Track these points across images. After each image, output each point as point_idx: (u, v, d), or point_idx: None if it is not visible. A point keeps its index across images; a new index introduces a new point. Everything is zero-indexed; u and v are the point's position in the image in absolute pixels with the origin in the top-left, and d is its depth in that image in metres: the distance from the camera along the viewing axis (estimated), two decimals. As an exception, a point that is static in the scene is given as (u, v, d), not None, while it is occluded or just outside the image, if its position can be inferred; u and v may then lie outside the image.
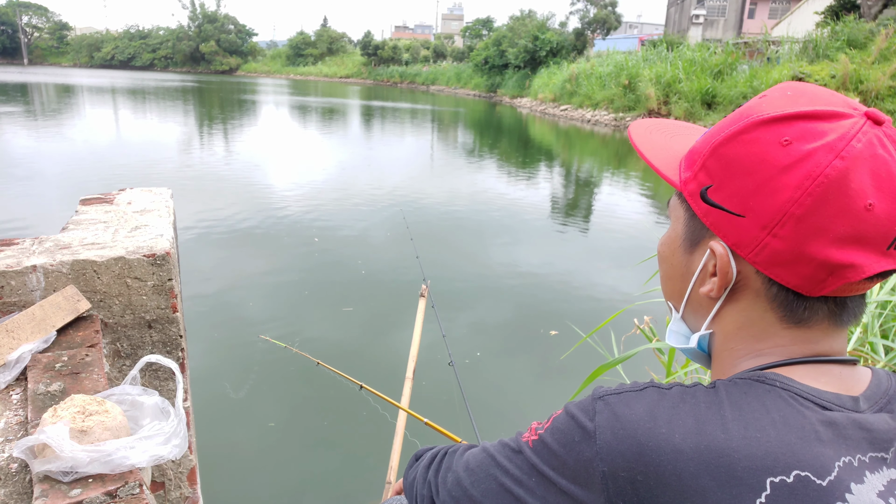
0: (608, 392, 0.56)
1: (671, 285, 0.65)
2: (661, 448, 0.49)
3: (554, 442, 0.56)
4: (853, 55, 15.31)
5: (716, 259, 0.56)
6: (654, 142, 0.68)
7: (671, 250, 0.63)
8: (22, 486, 0.79)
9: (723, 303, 0.58)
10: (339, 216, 7.23)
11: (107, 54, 77.91)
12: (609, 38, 35.19)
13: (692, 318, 0.63)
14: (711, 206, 0.55)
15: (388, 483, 1.88)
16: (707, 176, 0.56)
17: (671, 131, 0.70)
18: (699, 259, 0.59)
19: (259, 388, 3.40)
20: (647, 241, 6.47)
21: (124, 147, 12.76)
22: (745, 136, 0.53)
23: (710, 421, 0.50)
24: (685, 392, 0.53)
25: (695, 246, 0.59)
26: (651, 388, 0.55)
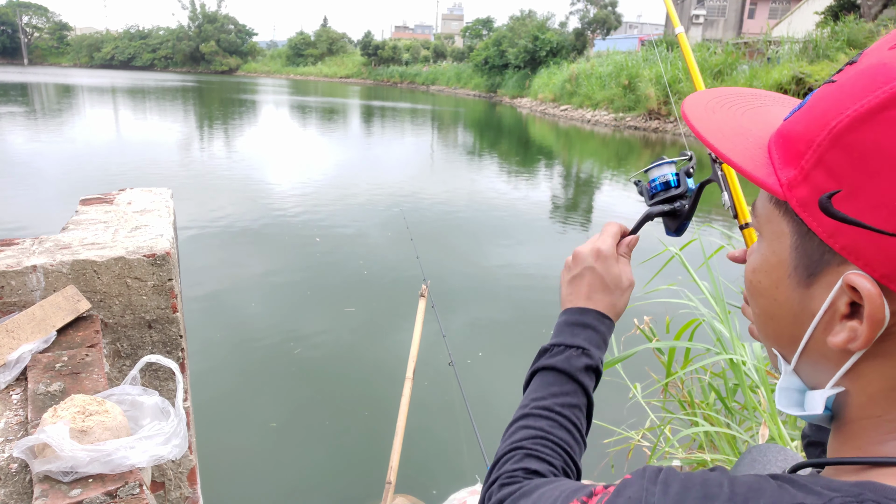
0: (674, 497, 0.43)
1: (775, 327, 0.47)
2: None
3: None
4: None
5: (852, 295, 0.40)
6: (722, 123, 0.51)
7: (772, 281, 0.46)
8: (22, 486, 0.79)
9: (865, 354, 0.41)
10: (339, 216, 7.23)
11: (107, 54, 77.93)
12: (609, 38, 35.20)
13: (811, 368, 0.46)
14: (841, 222, 0.39)
15: (388, 483, 1.88)
16: (829, 177, 0.39)
17: (737, 104, 0.53)
18: (822, 295, 0.42)
19: (259, 387, 3.40)
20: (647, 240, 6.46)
21: (124, 147, 12.76)
22: (892, 113, 0.36)
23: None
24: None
25: (814, 277, 0.43)
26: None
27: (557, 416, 0.68)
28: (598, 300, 0.77)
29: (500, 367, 3.76)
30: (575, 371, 0.71)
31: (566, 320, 0.77)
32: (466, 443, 2.63)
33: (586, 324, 0.75)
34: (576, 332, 0.75)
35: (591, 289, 0.77)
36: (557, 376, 0.72)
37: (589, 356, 0.72)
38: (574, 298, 0.78)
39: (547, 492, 0.55)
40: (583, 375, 0.71)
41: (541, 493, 0.56)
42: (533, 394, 0.72)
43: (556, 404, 0.69)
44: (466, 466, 2.44)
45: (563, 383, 0.71)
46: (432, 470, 2.73)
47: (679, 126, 18.28)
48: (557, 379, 0.71)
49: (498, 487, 0.62)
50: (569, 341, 0.74)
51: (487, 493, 0.64)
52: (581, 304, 0.77)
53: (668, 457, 2.06)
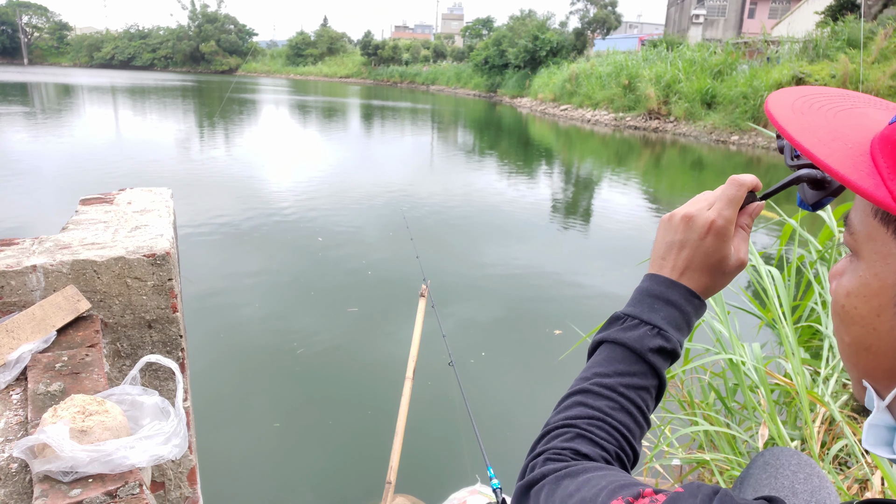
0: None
1: (870, 359, 0.43)
2: None
3: None
4: (853, 55, 15.31)
5: None
6: (814, 125, 0.46)
7: (872, 308, 0.41)
8: (22, 486, 0.79)
9: None
10: (338, 216, 7.23)
11: (107, 54, 77.90)
12: (609, 37, 35.20)
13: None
14: None
15: (388, 483, 1.88)
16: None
17: (826, 105, 0.49)
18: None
19: (258, 387, 3.40)
20: (647, 240, 6.47)
21: (124, 147, 12.76)
22: None
23: None
24: None
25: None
26: None
27: (620, 398, 0.62)
28: (694, 278, 0.65)
29: (501, 367, 3.76)
30: (646, 352, 0.63)
31: (649, 289, 0.67)
32: (466, 443, 2.63)
33: (671, 300, 0.65)
34: (657, 306, 0.65)
35: (689, 263, 0.65)
36: (626, 354, 0.64)
37: (665, 338, 0.63)
38: (666, 266, 0.67)
39: (594, 478, 0.52)
40: (655, 357, 0.63)
41: (587, 477, 0.53)
42: (597, 367, 0.65)
43: (621, 384, 0.62)
44: (466, 466, 2.44)
45: (632, 363, 0.63)
46: (432, 470, 2.73)
47: (678, 126, 18.28)
48: (626, 356, 0.63)
49: (543, 461, 0.59)
50: (646, 316, 0.64)
51: (531, 463, 0.60)
52: (672, 277, 0.66)
53: (667, 456, 2.06)
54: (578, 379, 0.66)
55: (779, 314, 1.95)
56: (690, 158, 14.46)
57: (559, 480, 0.54)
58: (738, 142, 15.99)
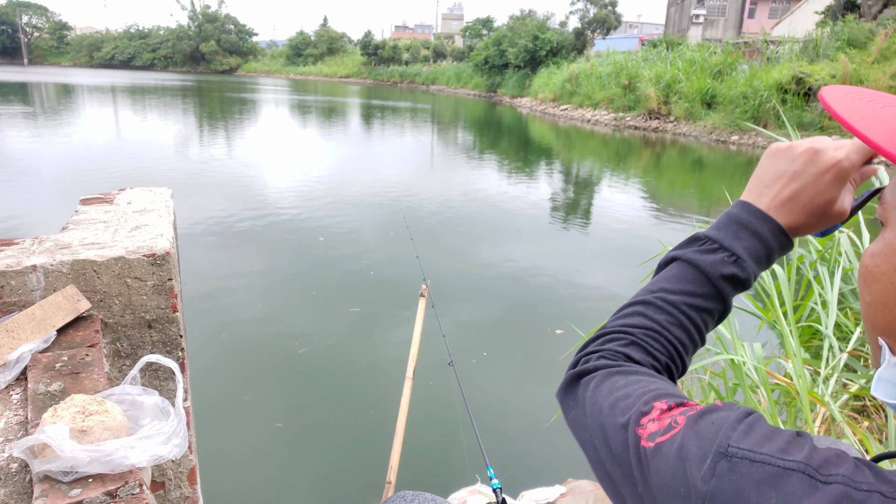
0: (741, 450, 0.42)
1: (887, 315, 0.47)
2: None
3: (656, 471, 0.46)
4: (853, 55, 15.31)
5: None
6: (861, 110, 0.51)
7: (892, 265, 0.46)
8: (22, 486, 0.79)
9: None
10: (338, 216, 7.23)
11: (107, 54, 77.90)
12: (609, 37, 35.21)
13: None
14: None
15: (388, 483, 1.88)
16: None
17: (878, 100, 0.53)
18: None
19: (258, 388, 3.40)
20: (647, 240, 6.47)
21: (124, 146, 12.76)
22: None
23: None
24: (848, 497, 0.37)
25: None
26: (800, 475, 0.39)
27: (680, 315, 0.62)
28: (794, 213, 0.62)
29: (501, 367, 3.76)
30: (718, 278, 0.62)
31: (738, 216, 0.64)
32: (466, 443, 2.63)
33: (758, 232, 0.62)
34: (741, 235, 0.63)
35: (795, 196, 0.62)
36: (697, 274, 0.63)
37: (741, 268, 0.62)
38: (767, 194, 0.64)
39: (644, 381, 0.55)
40: (726, 284, 0.62)
41: (637, 378, 0.55)
42: (664, 282, 0.65)
43: (685, 303, 0.62)
44: (466, 466, 2.44)
45: (701, 284, 0.63)
46: (432, 470, 2.73)
47: (678, 126, 18.28)
48: (696, 277, 0.63)
49: (597, 357, 0.61)
50: (728, 242, 0.63)
51: (584, 357, 0.62)
52: (770, 207, 0.63)
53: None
54: (643, 290, 0.66)
55: (779, 314, 1.95)
56: (690, 158, 14.46)
57: (610, 375, 0.57)
58: (738, 142, 15.99)
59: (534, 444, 2.92)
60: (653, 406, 0.50)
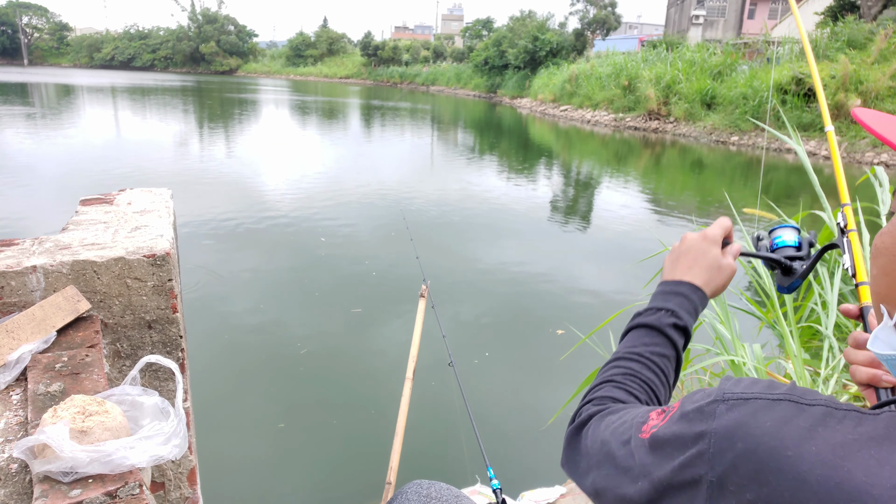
0: (734, 394, 0.50)
1: (887, 282, 0.53)
2: (783, 472, 0.42)
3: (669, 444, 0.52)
4: (853, 55, 15.31)
5: None
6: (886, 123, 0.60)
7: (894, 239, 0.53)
8: (22, 487, 0.79)
9: None
10: (338, 217, 7.23)
11: (107, 55, 77.87)
12: (609, 38, 35.19)
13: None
14: None
15: (388, 483, 1.88)
16: None
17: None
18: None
19: (258, 388, 3.40)
20: (647, 240, 6.47)
21: (124, 147, 12.76)
22: None
23: (853, 457, 0.41)
24: (831, 415, 0.44)
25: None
26: (787, 403, 0.46)
27: (647, 360, 0.76)
28: (695, 275, 0.83)
29: (500, 368, 3.76)
30: (664, 327, 0.79)
31: (661, 290, 0.84)
32: (466, 443, 2.63)
33: (679, 292, 0.82)
34: (668, 298, 0.82)
35: (690, 264, 0.85)
36: (648, 331, 0.79)
37: (678, 317, 0.79)
38: (672, 273, 0.86)
39: (632, 409, 0.65)
40: (672, 331, 0.78)
41: (626, 409, 0.66)
42: (629, 344, 0.80)
43: (647, 351, 0.77)
44: (466, 466, 2.43)
45: (654, 336, 0.79)
46: (432, 470, 2.73)
47: (678, 126, 18.28)
48: (648, 333, 0.79)
49: (589, 406, 0.72)
50: (660, 305, 0.81)
51: (579, 410, 0.74)
52: (678, 278, 0.84)
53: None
54: (613, 354, 0.81)
55: (779, 315, 1.95)
56: (690, 159, 14.46)
57: (604, 417, 0.68)
58: (738, 142, 15.99)
59: (534, 444, 2.92)
60: (648, 416, 0.59)
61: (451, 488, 1.21)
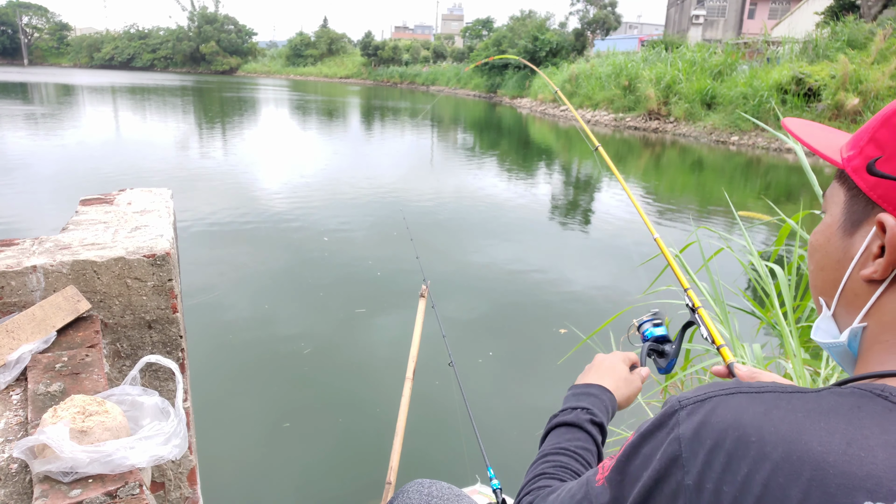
0: (689, 399, 0.52)
1: (823, 276, 0.59)
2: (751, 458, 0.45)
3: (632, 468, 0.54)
4: (853, 55, 15.31)
5: (883, 237, 0.51)
6: (811, 132, 0.66)
7: (826, 237, 0.58)
8: (22, 487, 0.79)
9: (885, 289, 0.52)
10: (338, 216, 7.23)
11: (106, 55, 77.85)
12: (609, 38, 35.18)
13: (845, 313, 0.57)
14: (881, 178, 0.51)
15: (389, 483, 1.88)
16: (876, 148, 0.52)
17: (826, 129, 0.68)
18: (860, 241, 0.54)
19: (258, 388, 3.40)
20: (647, 241, 6.47)
21: (124, 147, 12.75)
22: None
23: (807, 430, 0.44)
24: (780, 398, 0.48)
25: (856, 227, 0.55)
26: (740, 395, 0.50)
27: (572, 454, 0.83)
28: (606, 381, 0.96)
29: (501, 367, 3.76)
30: (583, 423, 0.88)
31: (574, 392, 0.95)
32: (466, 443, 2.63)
33: (590, 393, 0.93)
34: (581, 398, 0.93)
35: (601, 374, 0.98)
36: (569, 428, 0.88)
37: (593, 414, 0.89)
38: (584, 380, 0.98)
39: (569, 484, 0.69)
40: (590, 426, 0.87)
41: (564, 486, 0.70)
42: (550, 441, 0.88)
43: (571, 446, 0.85)
44: (466, 467, 2.43)
45: (575, 432, 0.87)
46: (432, 470, 2.73)
47: (678, 126, 18.28)
48: (569, 430, 0.88)
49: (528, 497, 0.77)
50: (575, 404, 0.91)
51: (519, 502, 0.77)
52: (589, 382, 0.97)
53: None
54: (539, 453, 0.89)
55: (779, 315, 1.95)
56: (690, 159, 14.46)
57: (545, 499, 0.71)
58: (738, 142, 15.98)
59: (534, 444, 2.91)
60: (597, 468, 0.62)
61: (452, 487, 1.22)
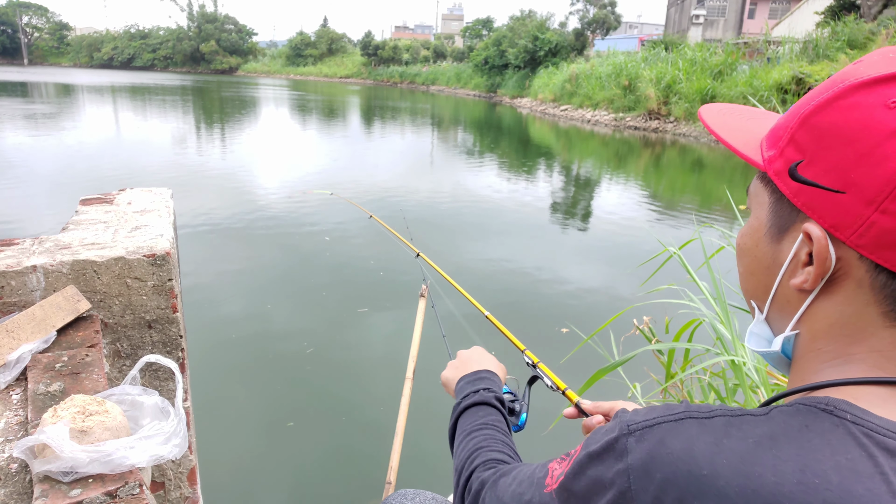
0: (638, 424, 0.50)
1: (754, 281, 0.58)
2: (703, 493, 0.43)
3: (580, 489, 0.52)
4: (853, 55, 15.31)
5: (811, 245, 0.49)
6: (729, 123, 0.62)
7: (754, 241, 0.56)
8: (22, 486, 0.79)
9: (815, 297, 0.51)
10: (337, 216, 7.23)
11: (106, 54, 77.87)
12: (609, 38, 35.19)
13: (777, 318, 0.56)
14: (803, 184, 0.49)
15: (388, 483, 1.88)
16: (796, 151, 0.50)
17: (746, 115, 0.64)
18: (789, 247, 0.52)
19: (258, 388, 3.40)
20: (647, 241, 6.47)
21: (124, 147, 12.75)
22: (842, 102, 0.47)
23: (760, 461, 0.43)
24: (730, 423, 0.46)
25: (783, 233, 0.53)
26: (689, 420, 0.48)
27: (492, 427, 0.86)
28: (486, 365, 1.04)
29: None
30: (490, 400, 0.93)
31: (466, 381, 1.00)
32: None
33: (481, 377, 1.00)
34: (476, 383, 0.98)
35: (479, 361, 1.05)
36: (479, 407, 0.92)
37: (494, 392, 0.95)
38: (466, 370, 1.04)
39: (524, 468, 0.67)
40: (496, 402, 0.93)
41: (519, 469, 0.68)
42: (466, 422, 0.91)
43: (490, 420, 0.88)
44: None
45: (486, 409, 0.92)
46: (432, 470, 2.73)
47: (678, 126, 18.28)
48: (480, 408, 0.92)
49: (476, 476, 0.76)
50: (474, 388, 0.96)
51: (466, 486, 0.77)
52: (473, 370, 1.02)
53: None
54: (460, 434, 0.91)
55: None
56: (690, 159, 14.46)
57: (496, 483, 0.70)
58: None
59: (534, 444, 2.92)
60: (548, 468, 0.60)
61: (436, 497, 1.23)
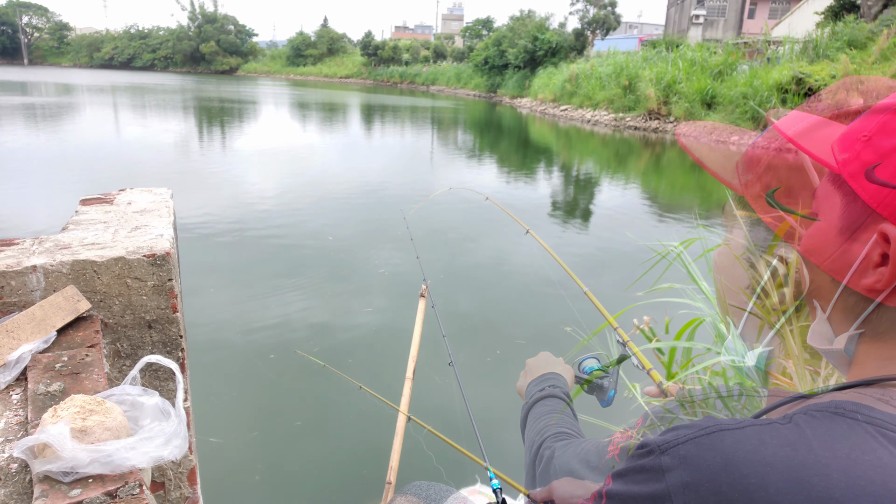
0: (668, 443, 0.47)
1: (820, 281, 0.59)
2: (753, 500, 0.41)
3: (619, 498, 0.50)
4: (853, 55, 15.31)
5: (885, 246, 0.50)
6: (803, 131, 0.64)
7: (822, 242, 0.57)
8: (22, 486, 0.78)
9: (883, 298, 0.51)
10: (337, 216, 7.23)
11: (106, 54, 77.88)
12: (609, 38, 35.17)
13: (840, 318, 0.57)
14: (880, 186, 0.50)
15: (389, 483, 1.88)
16: (873, 153, 0.51)
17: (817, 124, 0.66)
18: (859, 249, 0.53)
19: (259, 388, 3.40)
20: (647, 241, 6.47)
21: (124, 146, 12.75)
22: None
23: (806, 465, 0.42)
24: (762, 432, 0.45)
25: (855, 234, 0.53)
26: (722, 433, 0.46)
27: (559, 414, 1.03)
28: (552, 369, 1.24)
29: (501, 367, 3.75)
30: (557, 394, 1.12)
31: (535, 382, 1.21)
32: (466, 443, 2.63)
33: (546, 378, 1.20)
34: (543, 383, 1.19)
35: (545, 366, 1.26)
36: (545, 400, 1.12)
37: (561, 388, 1.16)
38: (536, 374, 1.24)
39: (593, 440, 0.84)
40: (563, 395, 1.12)
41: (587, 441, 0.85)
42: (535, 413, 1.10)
43: (556, 408, 1.05)
44: (466, 467, 2.43)
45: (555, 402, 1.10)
46: (432, 470, 2.73)
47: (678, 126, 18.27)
48: (546, 401, 1.11)
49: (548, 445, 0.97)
50: (543, 386, 1.17)
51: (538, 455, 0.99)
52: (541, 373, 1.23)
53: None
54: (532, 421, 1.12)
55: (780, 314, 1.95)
56: (690, 159, 14.44)
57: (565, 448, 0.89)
58: (738, 142, 15.90)
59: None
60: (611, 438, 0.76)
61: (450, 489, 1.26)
